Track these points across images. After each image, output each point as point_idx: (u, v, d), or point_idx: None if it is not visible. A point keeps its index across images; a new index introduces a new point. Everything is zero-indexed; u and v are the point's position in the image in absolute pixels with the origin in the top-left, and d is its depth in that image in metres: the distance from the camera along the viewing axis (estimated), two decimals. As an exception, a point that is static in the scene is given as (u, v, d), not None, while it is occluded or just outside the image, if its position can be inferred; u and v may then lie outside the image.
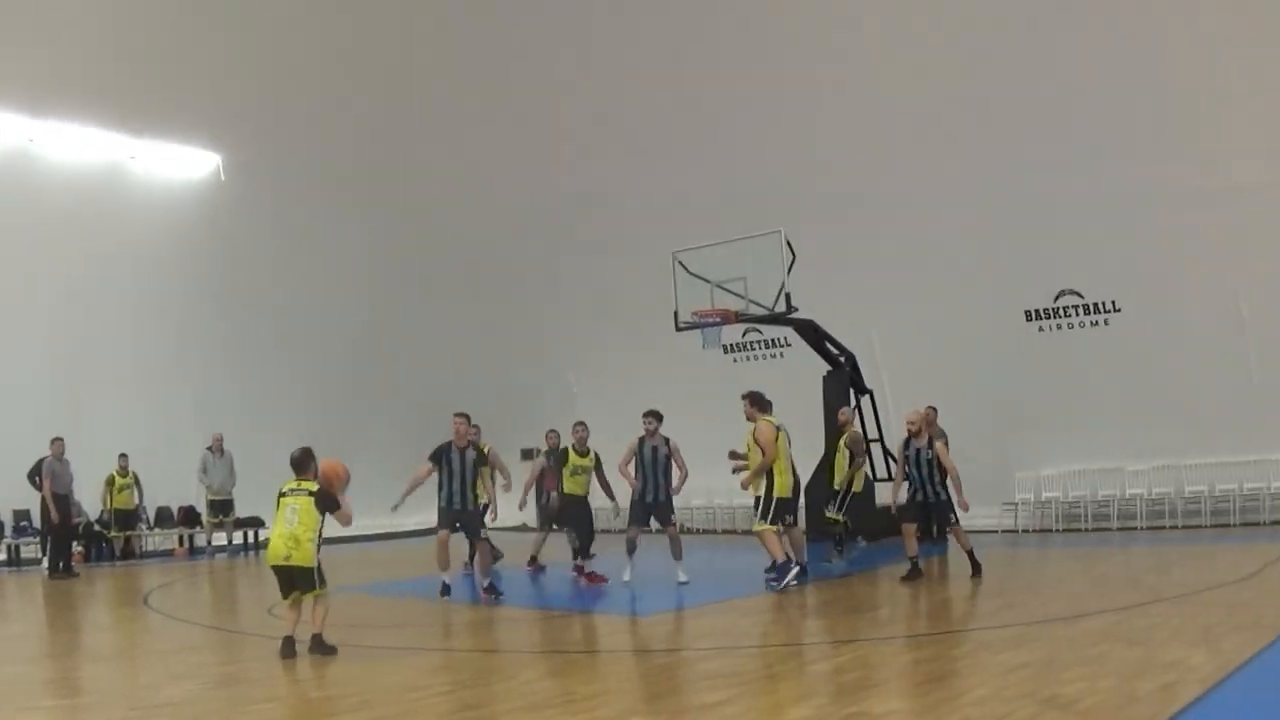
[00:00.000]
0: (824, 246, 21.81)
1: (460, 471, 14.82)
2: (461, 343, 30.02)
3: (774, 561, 14.48)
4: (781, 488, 14.61)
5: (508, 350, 29.45)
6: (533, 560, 18.31)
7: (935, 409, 17.88)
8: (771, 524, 14.54)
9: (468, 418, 15.05)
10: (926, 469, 15.10)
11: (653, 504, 15.68)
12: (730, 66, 24.10)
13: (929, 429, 15.88)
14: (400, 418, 28.44)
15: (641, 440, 15.74)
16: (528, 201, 27.80)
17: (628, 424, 16.65)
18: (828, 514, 18.35)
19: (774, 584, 14.31)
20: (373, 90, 27.24)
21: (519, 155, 27.32)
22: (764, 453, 14.41)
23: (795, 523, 15.42)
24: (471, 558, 16.56)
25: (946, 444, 15.46)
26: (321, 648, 10.53)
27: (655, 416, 15.93)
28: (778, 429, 14.69)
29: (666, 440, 15.87)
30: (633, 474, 15.78)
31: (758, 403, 14.95)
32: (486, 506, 16.10)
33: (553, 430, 19.25)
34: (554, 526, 18.05)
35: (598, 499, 16.62)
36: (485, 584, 14.82)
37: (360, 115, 27.34)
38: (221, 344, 26.73)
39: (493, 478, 16.00)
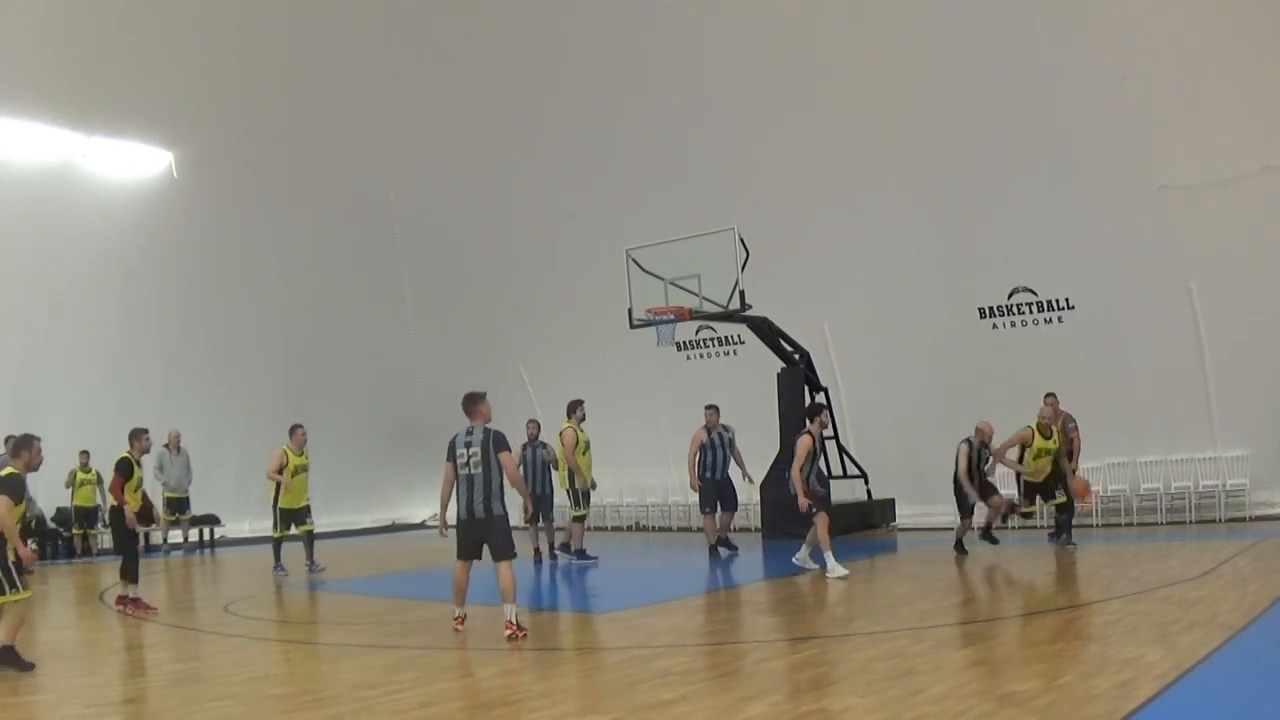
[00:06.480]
0: (777, 244, 21.81)
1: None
2: (414, 340, 30.02)
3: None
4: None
5: (460, 345, 29.22)
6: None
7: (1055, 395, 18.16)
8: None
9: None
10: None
11: (712, 481, 17.70)
12: (684, 63, 24.06)
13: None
14: (357, 413, 28.67)
15: (709, 430, 17.66)
16: (481, 201, 27.62)
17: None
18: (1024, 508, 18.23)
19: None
20: (331, 90, 27.06)
21: (472, 155, 27.11)
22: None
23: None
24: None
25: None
26: (15, 661, 9.80)
27: (715, 410, 18.19)
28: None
29: (727, 428, 17.98)
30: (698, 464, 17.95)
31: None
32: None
33: (533, 420, 19.68)
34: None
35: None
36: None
37: (317, 115, 27.12)
38: (179, 341, 26.34)
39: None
